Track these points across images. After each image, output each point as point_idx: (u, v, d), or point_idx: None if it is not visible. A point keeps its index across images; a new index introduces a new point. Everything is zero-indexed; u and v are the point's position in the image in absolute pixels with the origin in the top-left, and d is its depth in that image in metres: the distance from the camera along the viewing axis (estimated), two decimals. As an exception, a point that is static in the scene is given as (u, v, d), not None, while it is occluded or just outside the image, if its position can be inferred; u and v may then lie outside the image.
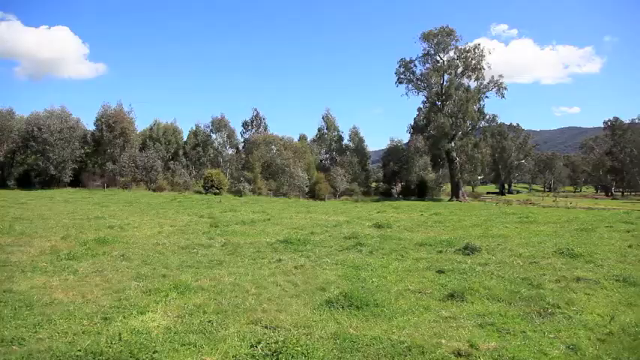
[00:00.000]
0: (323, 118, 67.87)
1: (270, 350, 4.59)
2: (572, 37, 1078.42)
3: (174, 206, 25.09)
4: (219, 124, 60.68)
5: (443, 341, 4.94)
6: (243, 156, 57.33)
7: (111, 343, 4.61)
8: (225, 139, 61.66)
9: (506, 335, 5.17)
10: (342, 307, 6.09)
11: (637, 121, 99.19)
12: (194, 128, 61.54)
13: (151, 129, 58.12)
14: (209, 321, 5.47)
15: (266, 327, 5.32)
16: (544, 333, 5.25)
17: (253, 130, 63.89)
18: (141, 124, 67.31)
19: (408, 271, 8.62)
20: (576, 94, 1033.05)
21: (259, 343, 4.79)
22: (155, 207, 23.84)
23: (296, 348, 4.56)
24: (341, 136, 68.22)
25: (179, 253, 10.17)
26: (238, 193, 45.92)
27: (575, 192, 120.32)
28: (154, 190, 44.43)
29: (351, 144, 67.84)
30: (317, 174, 56.20)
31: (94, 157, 48.74)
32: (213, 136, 61.09)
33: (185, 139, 60.92)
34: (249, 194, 46.30)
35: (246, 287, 7.07)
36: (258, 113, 64.97)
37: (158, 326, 5.26)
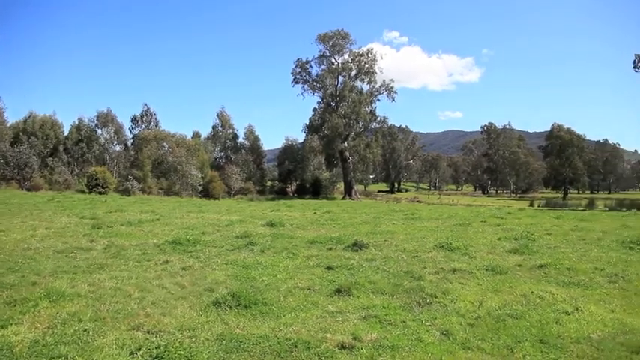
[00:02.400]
0: (218, 115, 66.61)
1: (151, 356, 4.40)
2: (456, 48, 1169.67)
3: (51, 207, 22.99)
4: (106, 119, 57.08)
5: (328, 335, 5.06)
6: (132, 153, 54.44)
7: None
8: (113, 134, 58.17)
9: (387, 326, 5.43)
10: (230, 307, 6.01)
11: (508, 126, 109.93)
12: (77, 122, 57.12)
13: (25, 122, 52.79)
14: (85, 330, 5.08)
15: (148, 332, 5.08)
16: (422, 321, 5.59)
17: (143, 126, 60.91)
18: (13, 116, 61.09)
19: (298, 268, 8.73)
20: (459, 100, 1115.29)
21: (140, 349, 4.56)
22: (29, 208, 21.65)
23: (179, 352, 4.42)
24: (236, 134, 67.43)
25: (54, 257, 9.31)
26: (126, 192, 43.38)
27: (457, 190, 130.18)
28: (29, 190, 40.17)
29: (246, 142, 67.29)
30: (211, 173, 54.92)
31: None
32: (99, 131, 57.30)
33: (67, 133, 56.21)
34: (139, 194, 44.00)
35: (128, 291, 6.69)
36: (148, 108, 62.16)
37: (23, 340, 4.75)
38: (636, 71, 42.33)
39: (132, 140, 59.34)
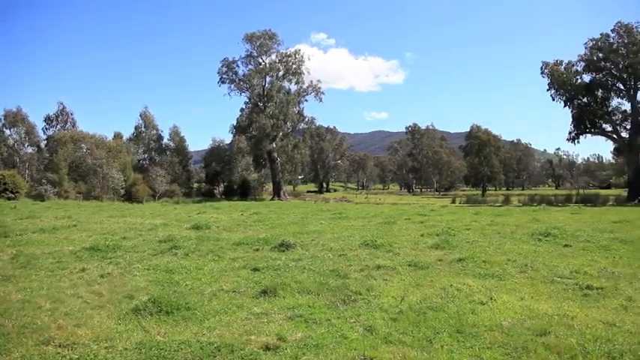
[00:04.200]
0: (141, 115, 63.73)
1: (62, 370, 4.15)
2: (381, 50, 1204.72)
3: (-48, 215, 21.13)
4: (15, 119, 52.95)
5: (253, 337, 5.01)
6: (47, 155, 50.96)
7: None
8: (23, 135, 54.05)
9: (312, 325, 5.46)
10: (151, 314, 5.79)
11: (431, 127, 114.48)
12: (-21, 122, 52.50)
13: None
14: (-16, 349, 4.69)
15: (60, 346, 4.77)
16: (346, 319, 5.68)
17: (59, 127, 57.12)
18: None
19: (223, 271, 8.59)
20: (384, 101, 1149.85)
21: (49, 364, 4.29)
22: None
23: (93, 364, 4.20)
24: (160, 135, 64.92)
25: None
26: (40, 197, 40.50)
27: (383, 189, 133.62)
28: None
29: (171, 143, 65.09)
30: (134, 175, 52.61)
31: None
32: (7, 131, 53.07)
33: (-33, 134, 51.51)
34: (54, 198, 41.20)
35: (39, 303, 6.25)
36: (64, 107, 58.31)
37: None
38: (543, 77, 45.47)
39: (46, 141, 55.54)
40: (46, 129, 57.31)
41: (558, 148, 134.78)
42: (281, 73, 57.14)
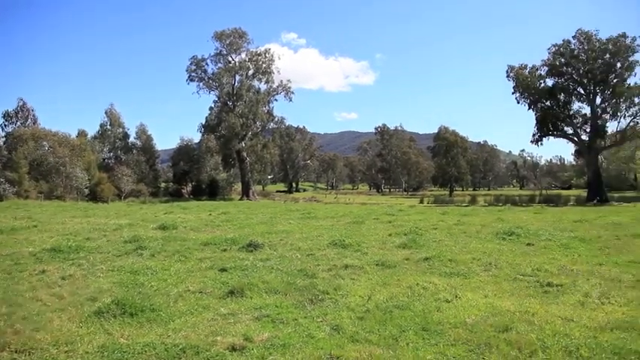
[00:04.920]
0: (106, 113, 62.25)
1: (18, 376, 4.00)
2: (352, 51, 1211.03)
3: None
4: (-31, 115, 50.98)
5: (219, 338, 4.95)
6: (5, 153, 49.14)
7: None
8: (-22, 132, 52.07)
9: (279, 325, 5.43)
10: (114, 317, 5.65)
11: (400, 128, 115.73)
12: None
13: None
14: None
15: (16, 351, 4.59)
16: (313, 318, 5.67)
17: (18, 124, 55.18)
18: None
19: (190, 271, 8.47)
20: (354, 102, 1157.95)
21: (5, 370, 4.13)
22: None
23: (52, 369, 4.06)
24: (127, 133, 63.54)
25: None
26: (-3, 197, 39.11)
27: (353, 189, 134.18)
28: None
29: (138, 142, 63.84)
30: (99, 174, 51.38)
31: None
32: (-40, 129, 51.08)
33: None
34: (13, 198, 39.80)
35: (-6, 307, 6.03)
36: (24, 104, 56.32)
37: None
38: (509, 80, 46.54)
39: (4, 139, 53.53)
40: (5, 126, 55.27)
41: (523, 150, 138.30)
42: (251, 72, 56.80)
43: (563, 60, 43.90)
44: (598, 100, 43.32)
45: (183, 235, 13.51)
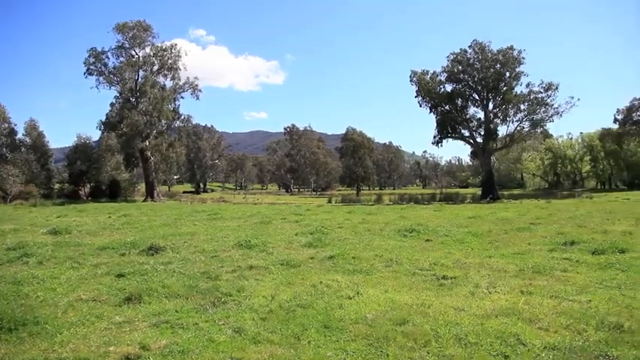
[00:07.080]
0: (-11, 108, 56.68)
1: None
2: (262, 51, 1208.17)
3: None
4: None
5: (112, 348, 4.67)
6: None
7: None
8: None
9: (179, 330, 5.24)
10: (-11, 334, 5.12)
11: (309, 128, 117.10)
12: None
13: None
14: None
15: None
16: (215, 321, 5.54)
17: None
18: None
19: (83, 279, 7.93)
20: (264, 102, 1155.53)
21: None
22: None
23: None
24: (14, 129, 57.77)
25: None
26: None
27: (262, 189, 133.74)
28: None
29: (27, 139, 58.49)
30: (-20, 174, 46.68)
31: None
32: None
33: None
34: None
35: None
36: None
37: None
38: (412, 85, 48.87)
39: None
40: None
41: (425, 151, 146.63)
42: (156, 68, 54.40)
43: (460, 67, 47.03)
44: (490, 105, 46.98)
45: (77, 240, 12.64)
